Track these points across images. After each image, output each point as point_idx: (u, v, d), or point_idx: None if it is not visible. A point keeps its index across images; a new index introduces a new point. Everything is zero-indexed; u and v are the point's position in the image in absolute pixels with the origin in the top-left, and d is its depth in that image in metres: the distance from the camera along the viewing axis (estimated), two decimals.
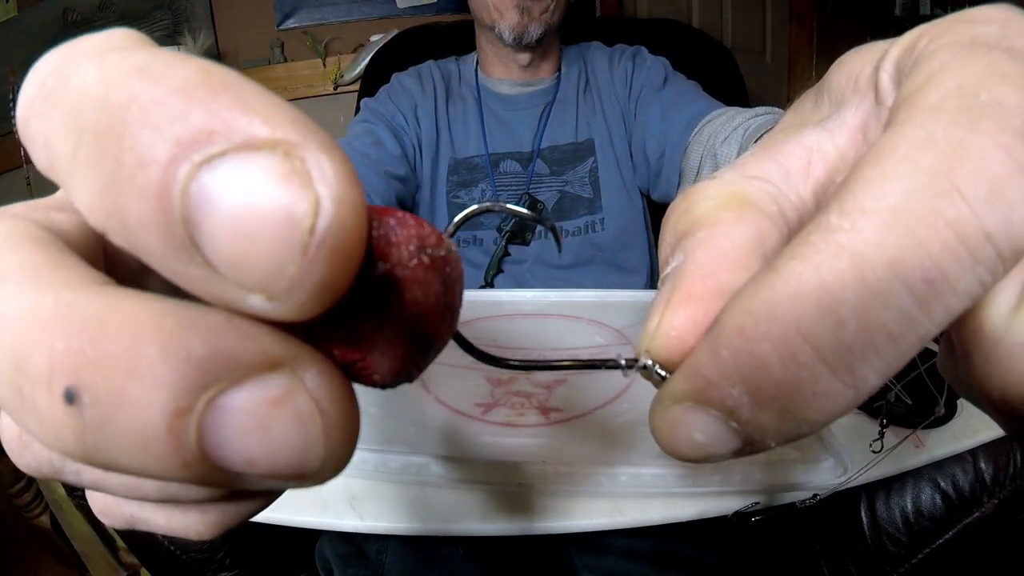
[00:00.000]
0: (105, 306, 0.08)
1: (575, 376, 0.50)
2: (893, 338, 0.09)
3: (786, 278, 0.09)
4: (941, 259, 0.08)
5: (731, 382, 0.09)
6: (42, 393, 0.08)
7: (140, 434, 0.08)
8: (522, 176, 0.83)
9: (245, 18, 1.51)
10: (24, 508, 1.20)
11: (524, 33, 0.77)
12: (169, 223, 0.07)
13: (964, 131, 0.09)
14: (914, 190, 0.08)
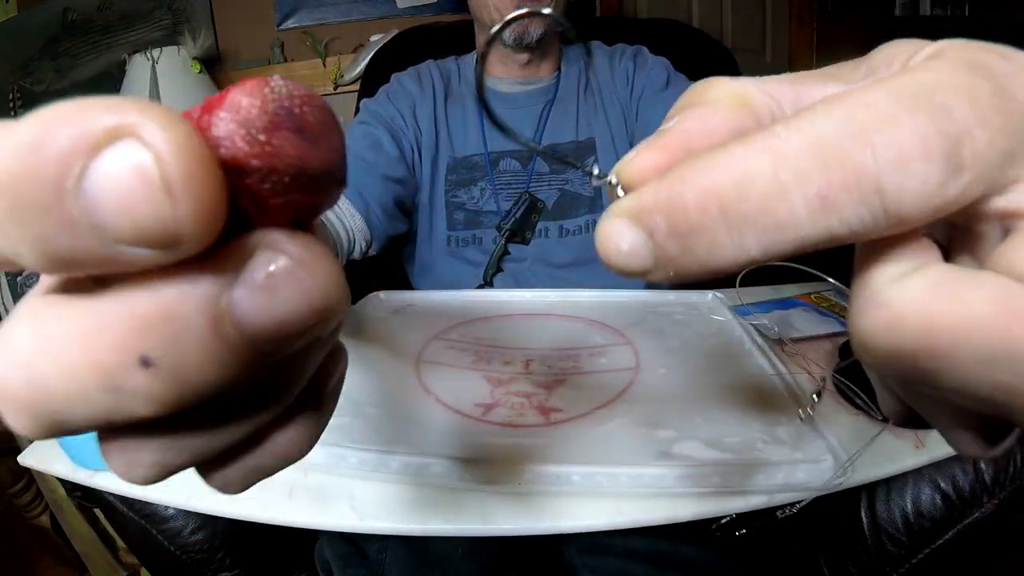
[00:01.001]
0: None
1: (575, 376, 0.50)
2: (779, 227, 0.11)
3: (727, 154, 0.11)
4: (837, 188, 0.11)
5: (659, 212, 0.12)
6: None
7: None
8: (522, 174, 0.83)
9: (245, 18, 1.51)
10: (24, 508, 1.19)
11: (524, 34, 0.77)
12: (76, 224, 0.09)
13: (904, 111, 0.11)
14: (842, 131, 0.11)
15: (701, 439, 0.41)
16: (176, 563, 0.51)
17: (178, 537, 0.50)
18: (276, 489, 0.39)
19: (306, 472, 0.40)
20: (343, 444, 0.41)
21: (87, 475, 0.43)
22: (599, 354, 0.54)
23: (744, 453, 0.39)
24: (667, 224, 0.12)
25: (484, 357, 0.54)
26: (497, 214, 0.81)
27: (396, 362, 0.54)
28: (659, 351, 0.54)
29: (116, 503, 0.50)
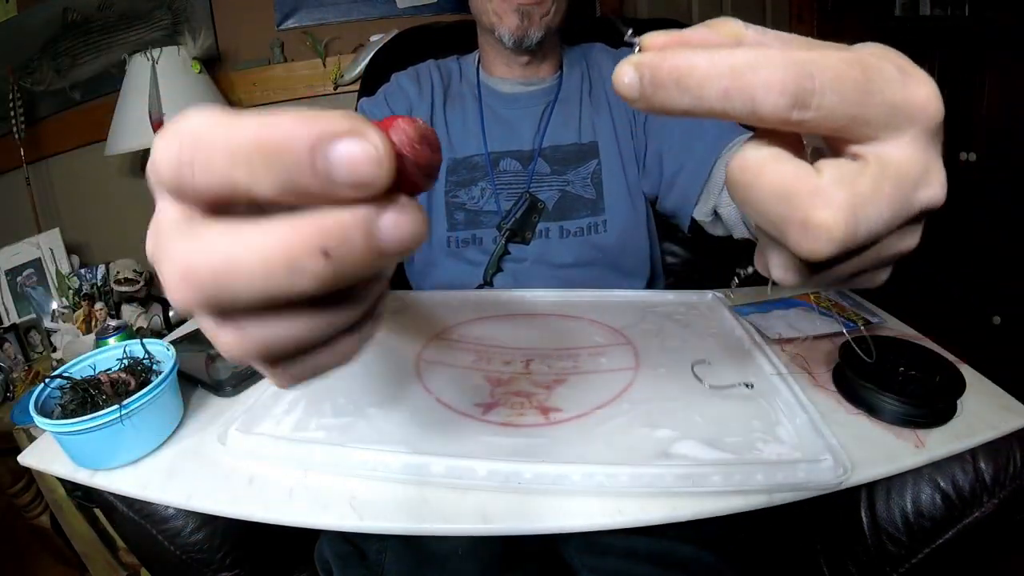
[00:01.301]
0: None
1: (575, 376, 0.50)
2: (701, 99, 0.19)
3: (690, 53, 0.19)
4: (732, 90, 0.19)
5: (647, 68, 0.19)
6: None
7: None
8: (522, 175, 0.82)
9: (245, 18, 1.51)
10: (24, 508, 1.19)
11: (524, 37, 0.77)
12: (317, 172, 0.16)
13: (786, 66, 0.18)
14: (751, 63, 0.19)
15: (701, 439, 0.41)
16: (176, 563, 0.51)
17: (178, 537, 0.50)
18: (276, 489, 0.39)
19: (306, 472, 0.40)
20: (343, 444, 0.41)
21: (87, 475, 0.43)
22: (599, 354, 0.54)
23: (744, 453, 0.39)
24: (650, 75, 0.20)
25: (484, 357, 0.54)
26: (497, 214, 0.81)
27: (396, 362, 0.54)
28: (659, 351, 0.54)
29: (116, 503, 0.50)
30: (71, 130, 1.57)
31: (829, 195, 0.19)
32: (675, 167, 0.77)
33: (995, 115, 1.41)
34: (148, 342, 0.48)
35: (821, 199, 0.19)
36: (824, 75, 0.18)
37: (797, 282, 0.22)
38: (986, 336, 1.44)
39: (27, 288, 1.38)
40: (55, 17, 1.50)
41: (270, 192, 0.16)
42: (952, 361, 0.45)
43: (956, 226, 1.53)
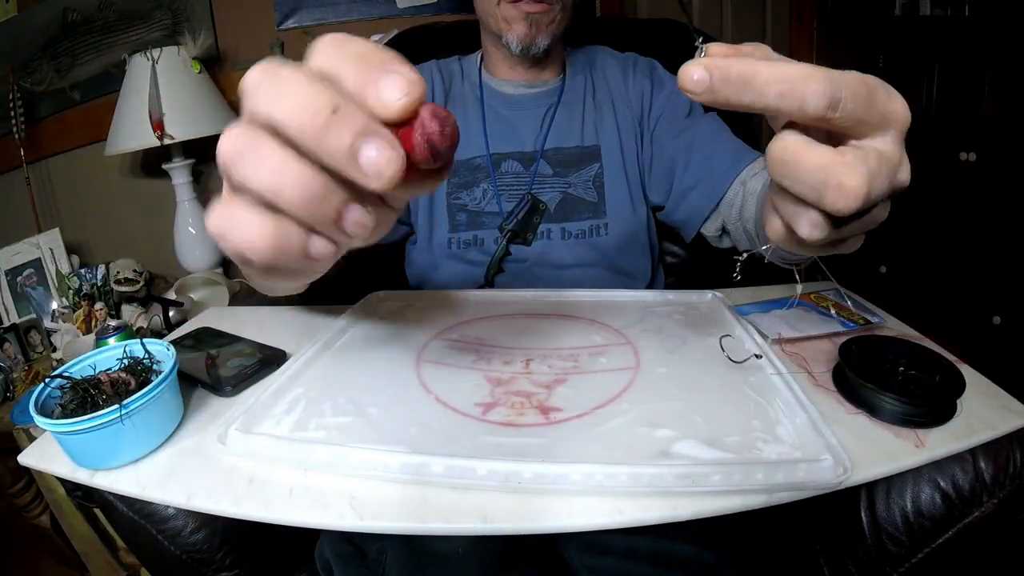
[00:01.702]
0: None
1: (575, 376, 0.50)
2: (762, 96, 0.26)
3: (753, 63, 0.26)
4: (789, 93, 0.26)
5: (717, 69, 0.26)
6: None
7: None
8: (524, 176, 0.82)
9: (245, 18, 1.51)
10: (24, 508, 1.19)
11: (532, 44, 0.77)
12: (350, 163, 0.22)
13: (827, 81, 0.26)
14: (801, 74, 0.26)
15: (701, 438, 0.41)
16: (176, 563, 0.51)
17: (178, 537, 0.50)
18: (276, 489, 0.39)
19: (306, 472, 0.40)
20: (343, 444, 0.41)
21: (87, 475, 0.43)
22: (599, 354, 0.54)
23: (744, 452, 0.39)
24: (720, 75, 0.26)
25: (484, 357, 0.54)
26: (499, 215, 0.81)
27: (396, 362, 0.54)
28: (659, 351, 0.54)
29: (116, 503, 0.50)
30: (71, 130, 1.57)
31: (855, 167, 0.26)
32: (690, 182, 0.78)
33: (995, 115, 1.41)
34: (148, 342, 0.48)
35: (851, 169, 0.26)
36: (848, 89, 0.26)
37: (823, 236, 0.29)
38: (986, 336, 1.44)
39: (27, 288, 1.38)
40: (55, 17, 1.50)
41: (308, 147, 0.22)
42: (952, 361, 0.45)
43: (956, 226, 1.53)
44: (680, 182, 0.80)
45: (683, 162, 0.79)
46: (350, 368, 0.53)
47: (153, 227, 1.63)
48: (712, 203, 0.76)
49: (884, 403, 0.42)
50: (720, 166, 0.75)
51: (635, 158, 0.83)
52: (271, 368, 0.54)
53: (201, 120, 1.34)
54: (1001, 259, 1.43)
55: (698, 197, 0.78)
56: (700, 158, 0.78)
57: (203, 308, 1.24)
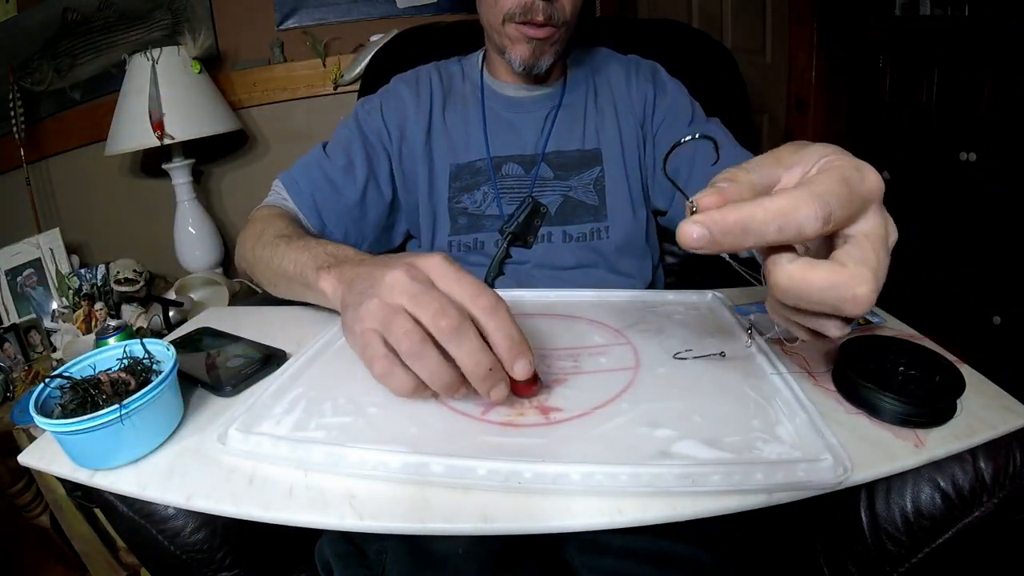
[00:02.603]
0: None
1: (575, 376, 0.50)
2: (761, 236, 0.29)
3: (744, 207, 0.30)
4: (786, 227, 0.29)
5: (713, 223, 0.30)
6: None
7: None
8: (525, 179, 0.82)
9: (245, 18, 1.51)
10: (24, 508, 1.20)
11: (535, 65, 0.77)
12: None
13: (811, 201, 0.29)
14: (789, 206, 0.29)
15: (700, 438, 0.41)
16: (176, 563, 0.51)
17: (178, 537, 0.50)
18: (276, 489, 0.39)
19: (306, 472, 0.40)
20: (343, 444, 0.41)
21: (87, 475, 0.43)
22: (599, 353, 0.54)
23: (743, 452, 0.39)
24: (718, 228, 0.29)
25: None
26: (500, 218, 0.81)
27: None
28: (659, 351, 0.54)
29: (116, 503, 0.50)
30: (71, 130, 1.57)
31: (862, 275, 0.29)
32: (693, 190, 0.78)
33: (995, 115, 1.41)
34: (148, 342, 0.48)
35: (859, 279, 0.29)
36: (833, 199, 0.29)
37: (850, 328, 0.33)
38: (986, 336, 1.44)
39: (27, 288, 1.38)
40: (55, 17, 1.50)
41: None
42: (952, 361, 0.45)
43: (956, 226, 1.53)
44: (685, 190, 0.80)
45: (687, 169, 0.79)
46: (350, 368, 0.53)
47: (153, 227, 1.63)
48: None
49: (884, 403, 0.42)
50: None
51: (637, 161, 0.83)
52: (271, 368, 0.54)
53: (201, 120, 1.34)
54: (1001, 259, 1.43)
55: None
56: (703, 166, 0.78)
57: (203, 308, 1.24)
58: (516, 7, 0.72)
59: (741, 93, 1.02)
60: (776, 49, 2.06)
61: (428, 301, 0.40)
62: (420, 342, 0.39)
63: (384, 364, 0.40)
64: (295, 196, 0.79)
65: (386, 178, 0.83)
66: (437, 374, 0.40)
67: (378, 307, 0.40)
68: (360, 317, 0.41)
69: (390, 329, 0.40)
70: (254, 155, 1.63)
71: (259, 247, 0.68)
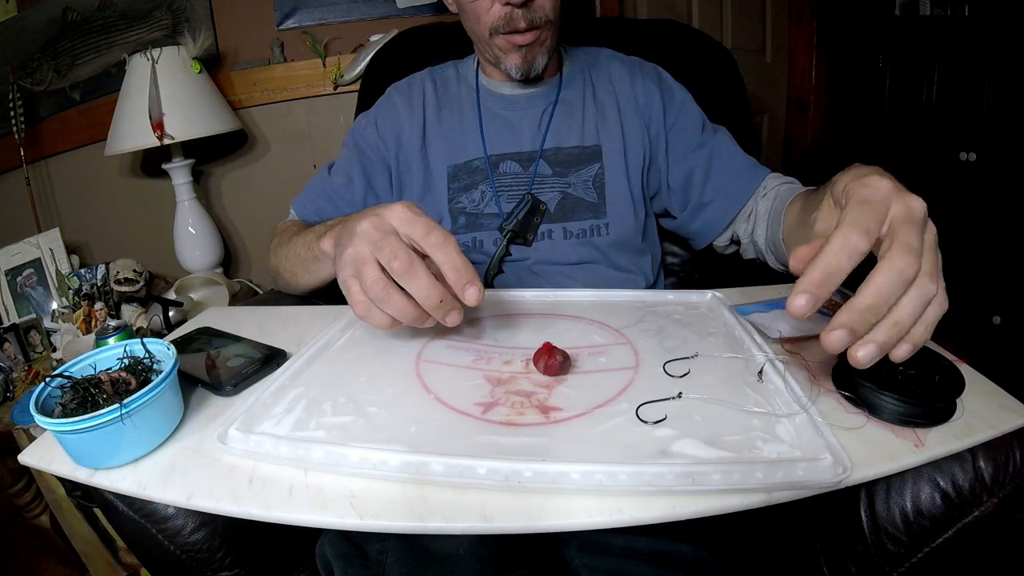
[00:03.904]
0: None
1: (575, 375, 0.50)
2: (842, 275, 0.36)
3: (826, 256, 0.37)
4: (847, 258, 0.36)
5: (814, 279, 0.36)
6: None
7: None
8: (523, 176, 0.82)
9: (245, 18, 1.51)
10: (24, 508, 1.20)
11: (530, 68, 0.78)
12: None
13: (855, 230, 0.37)
14: (845, 227, 0.37)
15: (700, 437, 0.41)
16: (176, 563, 0.51)
17: (178, 537, 0.50)
18: (276, 488, 0.39)
19: (306, 471, 0.41)
20: (343, 443, 0.41)
21: (87, 474, 0.43)
22: (599, 353, 0.54)
23: (743, 451, 0.39)
24: (815, 286, 0.36)
25: (484, 357, 0.54)
26: (499, 216, 0.81)
27: (396, 361, 0.54)
28: (659, 351, 0.54)
29: (116, 503, 0.50)
30: (71, 130, 1.57)
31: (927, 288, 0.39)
32: (707, 197, 0.81)
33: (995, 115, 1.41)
34: (148, 341, 0.48)
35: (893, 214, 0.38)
36: (864, 218, 0.37)
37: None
38: (986, 336, 1.44)
39: (27, 288, 1.38)
40: (55, 17, 1.50)
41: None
42: (952, 360, 0.45)
43: (956, 226, 1.53)
44: (697, 196, 0.82)
45: (701, 177, 0.81)
46: (350, 368, 0.53)
47: (153, 227, 1.63)
48: (728, 219, 0.80)
49: (884, 402, 0.42)
50: (737, 184, 0.79)
51: (639, 160, 0.83)
52: (271, 368, 0.54)
53: (201, 120, 1.34)
54: (1001, 259, 1.43)
55: (714, 212, 0.81)
56: (717, 175, 0.81)
57: (203, 308, 1.24)
58: (498, 20, 0.74)
59: (741, 93, 1.02)
60: (776, 49, 2.06)
61: (384, 245, 0.46)
62: (384, 288, 0.46)
63: (363, 306, 0.48)
64: (302, 217, 0.87)
65: (386, 188, 0.87)
66: (402, 311, 0.47)
67: (351, 255, 0.48)
68: (340, 266, 0.49)
69: (362, 276, 0.47)
70: (254, 155, 1.62)
71: (280, 250, 0.78)
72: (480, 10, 0.75)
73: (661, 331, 0.58)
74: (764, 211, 0.75)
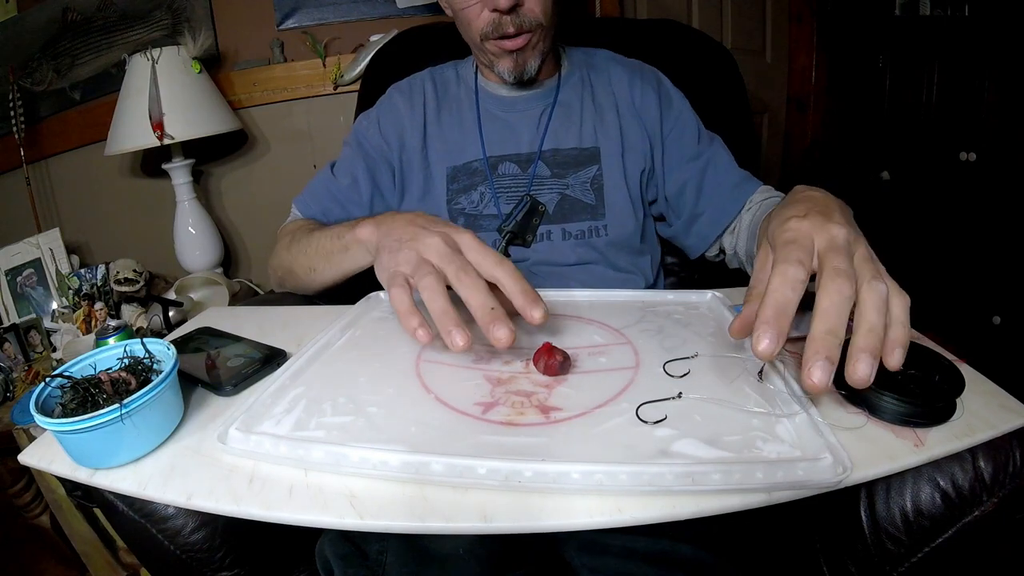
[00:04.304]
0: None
1: (575, 375, 0.50)
2: (792, 294, 0.40)
3: (767, 294, 0.40)
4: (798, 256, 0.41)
5: (766, 319, 0.39)
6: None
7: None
8: (522, 178, 0.82)
9: (245, 18, 1.51)
10: (24, 508, 1.20)
11: (524, 71, 0.79)
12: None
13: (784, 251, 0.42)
14: (780, 266, 0.41)
15: (700, 437, 0.41)
16: (176, 563, 0.51)
17: (178, 537, 0.50)
18: (276, 488, 0.39)
19: (306, 471, 0.41)
20: (343, 443, 0.41)
21: (87, 474, 0.43)
22: (599, 353, 0.54)
23: (743, 451, 0.39)
24: (772, 326, 0.38)
25: (484, 356, 0.54)
26: (498, 217, 0.81)
27: (396, 361, 0.54)
28: (659, 351, 0.54)
29: (116, 503, 0.50)
30: (71, 130, 1.57)
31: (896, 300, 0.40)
32: (700, 209, 0.82)
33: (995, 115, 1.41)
34: (149, 341, 0.48)
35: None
36: (794, 254, 0.41)
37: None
38: (986, 336, 1.44)
39: (27, 288, 1.38)
40: (55, 17, 1.50)
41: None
42: (952, 360, 0.45)
43: (956, 226, 1.53)
44: (692, 208, 0.83)
45: (696, 189, 0.82)
46: (350, 368, 0.53)
47: (153, 227, 1.63)
48: (718, 232, 0.81)
49: (884, 402, 0.42)
50: (729, 197, 0.80)
51: (639, 163, 0.83)
52: (271, 368, 0.54)
53: (201, 120, 1.34)
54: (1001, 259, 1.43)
55: (706, 225, 0.81)
56: (712, 187, 0.81)
57: (203, 308, 1.24)
58: (487, 26, 0.75)
59: (741, 93, 1.02)
60: (776, 49, 2.06)
61: (453, 260, 0.49)
62: (437, 284, 0.48)
63: (400, 291, 0.49)
64: (307, 216, 0.85)
65: (390, 188, 0.86)
66: (442, 306, 0.47)
67: (415, 257, 0.50)
68: (397, 260, 0.51)
69: (417, 272, 0.49)
70: (254, 155, 1.62)
71: (294, 246, 0.76)
72: (471, 16, 0.76)
73: (661, 331, 0.58)
74: (746, 225, 0.77)
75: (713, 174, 0.81)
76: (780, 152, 2.18)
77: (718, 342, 0.55)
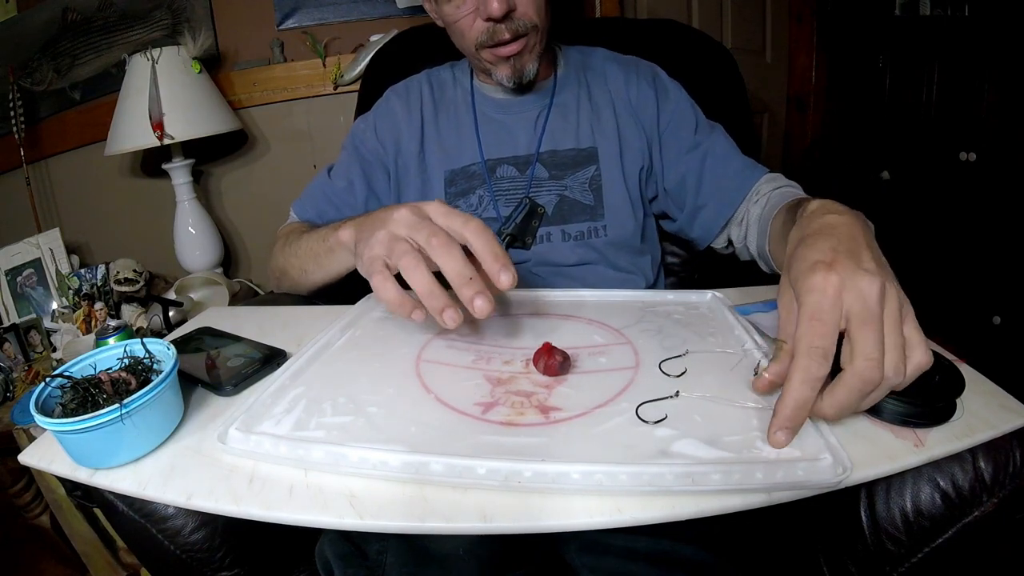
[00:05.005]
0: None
1: (575, 375, 0.50)
2: (815, 380, 0.38)
3: (789, 381, 0.39)
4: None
5: (784, 415, 0.38)
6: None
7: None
8: (520, 180, 0.82)
9: (245, 18, 1.51)
10: (24, 508, 1.20)
11: (522, 75, 0.78)
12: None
13: (808, 321, 0.38)
14: (800, 356, 0.38)
15: (700, 438, 0.41)
16: (176, 563, 0.51)
17: (178, 537, 0.50)
18: (276, 488, 0.39)
19: (306, 471, 0.41)
20: (343, 443, 0.41)
21: (87, 474, 0.43)
22: (599, 353, 0.54)
23: (743, 451, 0.39)
24: (789, 422, 0.38)
25: (484, 357, 0.54)
26: (497, 220, 0.81)
27: (396, 362, 0.54)
28: (659, 351, 0.54)
29: (116, 503, 0.50)
30: (71, 130, 1.57)
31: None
32: (703, 200, 0.81)
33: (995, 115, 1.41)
34: (149, 341, 0.48)
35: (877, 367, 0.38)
36: (816, 329, 0.37)
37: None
38: (986, 336, 1.44)
39: (27, 288, 1.38)
40: (55, 17, 1.50)
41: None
42: (952, 361, 0.45)
43: (956, 226, 1.53)
44: (694, 200, 0.82)
45: (696, 179, 0.81)
46: (350, 368, 0.53)
47: (153, 227, 1.63)
48: (721, 222, 0.80)
49: (884, 403, 0.42)
50: (731, 186, 0.78)
51: (636, 162, 0.83)
52: (271, 368, 0.54)
53: (201, 120, 1.34)
54: (1001, 259, 1.43)
55: (711, 216, 0.80)
56: (713, 177, 0.80)
57: (203, 308, 1.24)
58: (482, 35, 0.75)
59: (741, 93, 1.02)
60: (776, 49, 2.06)
61: (422, 227, 0.48)
62: (415, 259, 0.47)
63: (381, 278, 0.48)
64: (304, 219, 0.86)
65: (385, 192, 0.87)
66: (427, 286, 0.46)
67: (385, 236, 0.49)
68: (370, 245, 0.50)
69: (393, 251, 0.48)
70: (254, 155, 1.62)
71: (287, 248, 0.77)
72: (464, 27, 0.76)
73: (661, 331, 0.58)
74: (755, 217, 0.75)
75: (713, 163, 0.80)
76: (780, 152, 2.18)
77: (718, 342, 0.55)
